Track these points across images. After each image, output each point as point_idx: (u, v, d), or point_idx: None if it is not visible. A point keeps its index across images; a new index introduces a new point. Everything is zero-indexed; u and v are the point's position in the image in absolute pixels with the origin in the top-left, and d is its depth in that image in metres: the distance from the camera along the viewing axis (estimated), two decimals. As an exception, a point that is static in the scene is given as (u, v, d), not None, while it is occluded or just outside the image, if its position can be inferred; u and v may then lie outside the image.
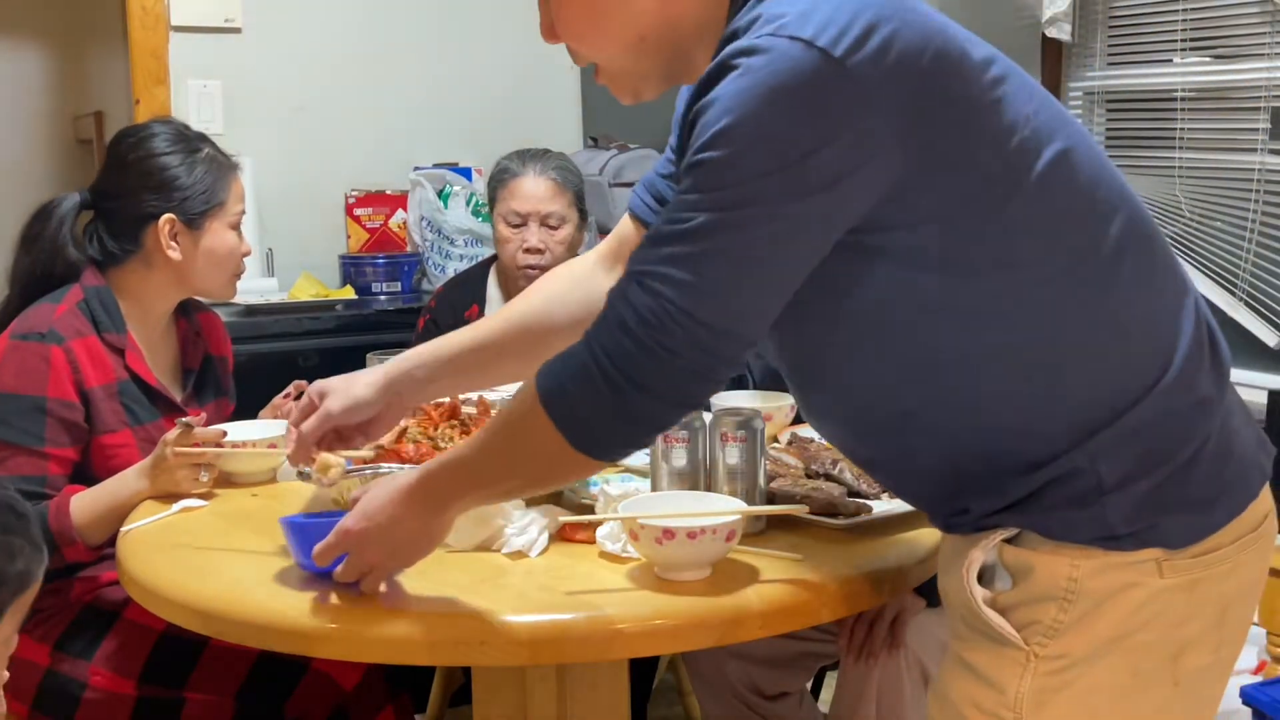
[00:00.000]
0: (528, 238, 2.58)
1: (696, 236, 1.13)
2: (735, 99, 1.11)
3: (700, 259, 1.12)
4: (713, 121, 1.12)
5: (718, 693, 2.20)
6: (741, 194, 1.11)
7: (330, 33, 3.56)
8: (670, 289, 1.13)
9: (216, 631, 1.48)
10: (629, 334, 1.14)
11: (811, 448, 1.85)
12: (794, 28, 1.11)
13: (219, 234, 2.05)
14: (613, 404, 1.17)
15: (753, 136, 1.10)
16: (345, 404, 1.60)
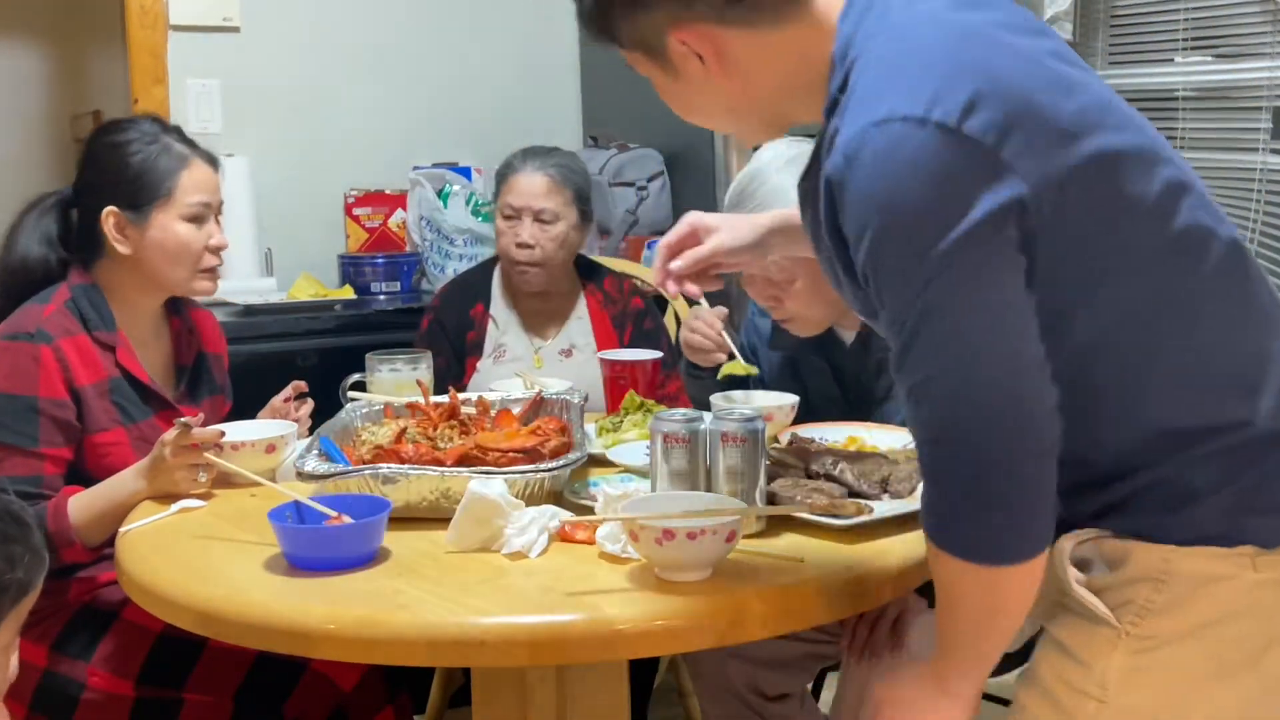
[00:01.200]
0: (519, 232, 2.59)
1: (932, 312, 1.15)
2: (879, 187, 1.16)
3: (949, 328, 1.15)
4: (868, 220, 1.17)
5: (719, 694, 2.20)
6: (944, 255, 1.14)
7: (329, 32, 3.56)
8: (948, 361, 1.16)
9: (215, 632, 1.48)
10: (945, 434, 1.16)
11: (812, 448, 1.85)
12: (905, 106, 1.15)
13: (167, 226, 2.00)
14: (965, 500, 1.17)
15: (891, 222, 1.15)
16: (734, 243, 1.67)
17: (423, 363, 2.21)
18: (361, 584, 1.48)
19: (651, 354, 2.31)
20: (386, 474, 1.67)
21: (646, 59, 1.37)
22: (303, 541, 1.54)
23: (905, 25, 1.23)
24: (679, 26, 1.30)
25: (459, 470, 1.69)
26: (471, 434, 1.86)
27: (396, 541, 1.59)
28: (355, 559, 1.53)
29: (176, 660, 1.89)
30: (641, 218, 3.33)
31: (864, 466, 1.73)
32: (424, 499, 1.68)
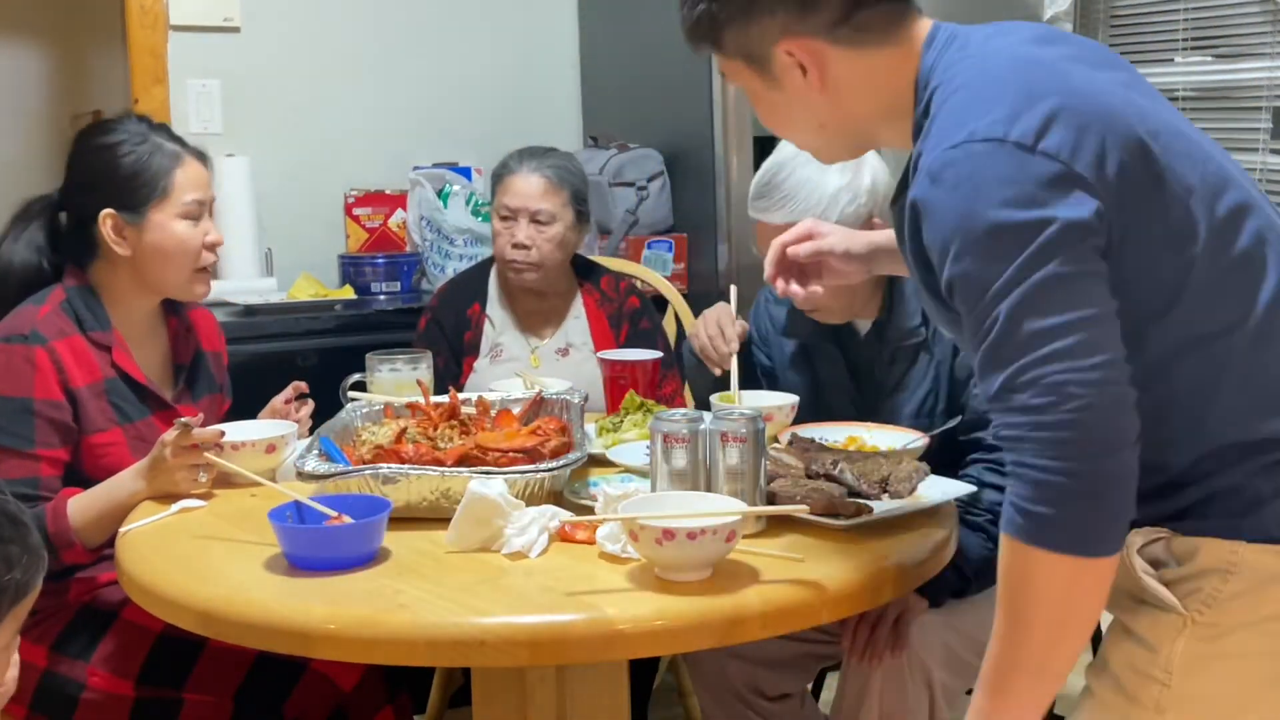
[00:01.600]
0: (516, 233, 2.59)
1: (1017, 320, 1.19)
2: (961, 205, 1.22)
3: (1042, 332, 1.18)
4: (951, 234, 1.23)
5: (719, 694, 2.20)
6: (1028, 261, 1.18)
7: (330, 32, 3.56)
8: (1049, 364, 1.18)
9: (216, 632, 1.48)
10: (1060, 425, 1.17)
11: (812, 448, 1.85)
12: (984, 128, 1.22)
13: (164, 225, 1.99)
14: (1096, 495, 1.18)
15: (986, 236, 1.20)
16: (848, 248, 1.74)
17: (423, 363, 2.21)
18: (361, 584, 1.49)
19: (651, 354, 2.31)
20: (387, 474, 1.67)
21: (748, 68, 1.41)
22: (303, 541, 1.54)
23: (983, 57, 1.32)
24: (789, 37, 1.36)
25: (459, 470, 1.69)
26: (472, 434, 1.86)
27: (396, 541, 1.59)
28: (355, 559, 1.53)
29: (176, 660, 1.89)
30: (641, 218, 3.33)
31: (864, 466, 1.73)
32: (424, 499, 1.68)
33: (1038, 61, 1.30)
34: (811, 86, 1.38)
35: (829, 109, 1.40)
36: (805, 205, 2.04)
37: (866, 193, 2.06)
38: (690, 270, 3.32)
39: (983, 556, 1.88)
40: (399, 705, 1.99)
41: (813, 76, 1.37)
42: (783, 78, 1.38)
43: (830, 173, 2.04)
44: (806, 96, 1.39)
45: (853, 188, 2.05)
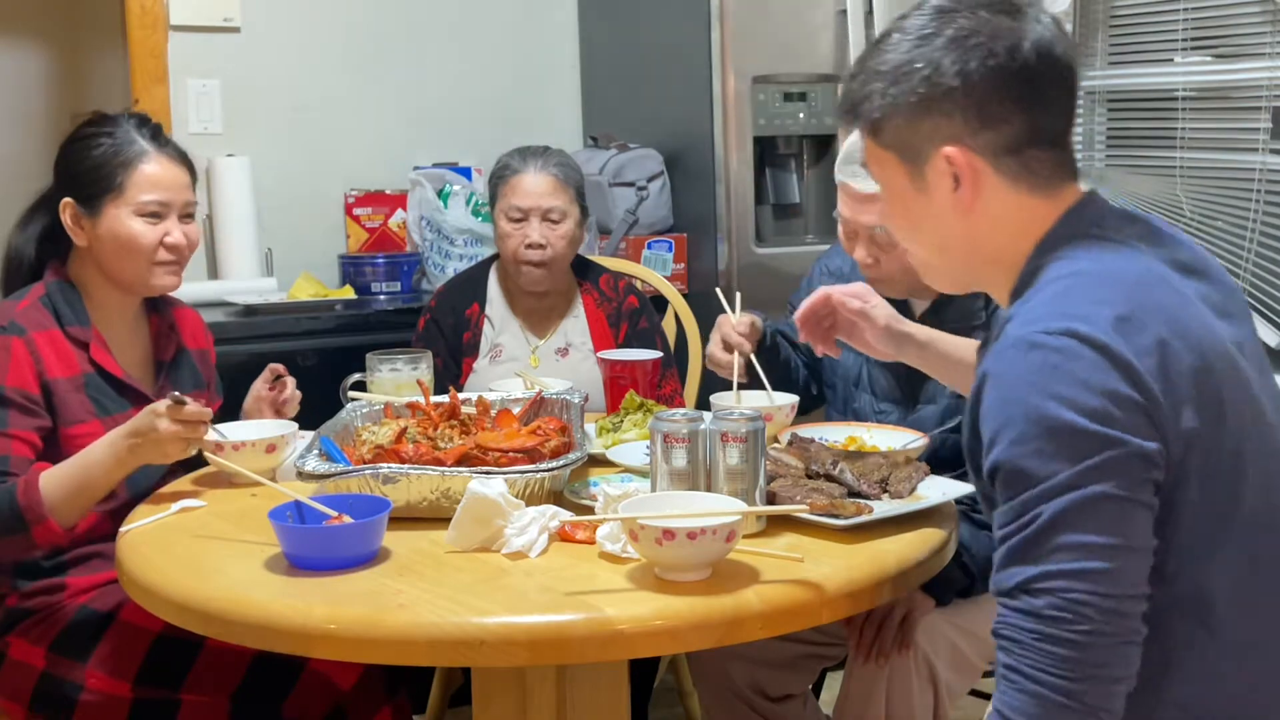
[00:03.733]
0: (529, 233, 2.58)
1: (1056, 529, 1.17)
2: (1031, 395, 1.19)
3: (1079, 546, 1.16)
4: (1010, 419, 1.20)
5: (721, 694, 2.20)
6: (1073, 478, 1.17)
7: (330, 32, 3.56)
8: (1070, 581, 1.16)
9: (216, 632, 1.48)
10: (1060, 641, 1.16)
11: (811, 448, 1.85)
12: (1089, 328, 1.19)
13: (119, 220, 1.99)
14: (1083, 712, 1.16)
15: (1052, 433, 1.17)
16: (885, 323, 1.80)
17: (423, 363, 2.21)
18: (362, 584, 1.49)
19: (651, 354, 2.31)
20: (387, 474, 1.67)
21: (900, 162, 1.36)
22: (303, 541, 1.54)
23: (1118, 254, 1.29)
24: (957, 145, 1.31)
25: (459, 470, 1.69)
26: (472, 434, 1.86)
27: (397, 541, 1.59)
28: (355, 559, 1.53)
29: (174, 661, 1.89)
30: (641, 218, 3.33)
31: (864, 466, 1.73)
32: (424, 499, 1.68)
33: (1168, 287, 1.27)
34: (958, 203, 1.32)
35: (961, 232, 1.35)
36: None
37: None
38: (690, 270, 3.32)
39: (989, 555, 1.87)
40: (397, 705, 1.99)
41: (964, 193, 1.32)
42: (933, 183, 1.33)
43: None
44: (946, 212, 1.34)
45: None
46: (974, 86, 1.29)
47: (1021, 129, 1.30)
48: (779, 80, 3.18)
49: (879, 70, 1.34)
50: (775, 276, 3.15)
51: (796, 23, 3.19)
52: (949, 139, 1.30)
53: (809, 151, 3.33)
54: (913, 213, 1.38)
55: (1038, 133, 1.31)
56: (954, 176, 1.32)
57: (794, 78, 3.19)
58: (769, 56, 3.17)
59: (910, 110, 1.32)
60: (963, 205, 1.33)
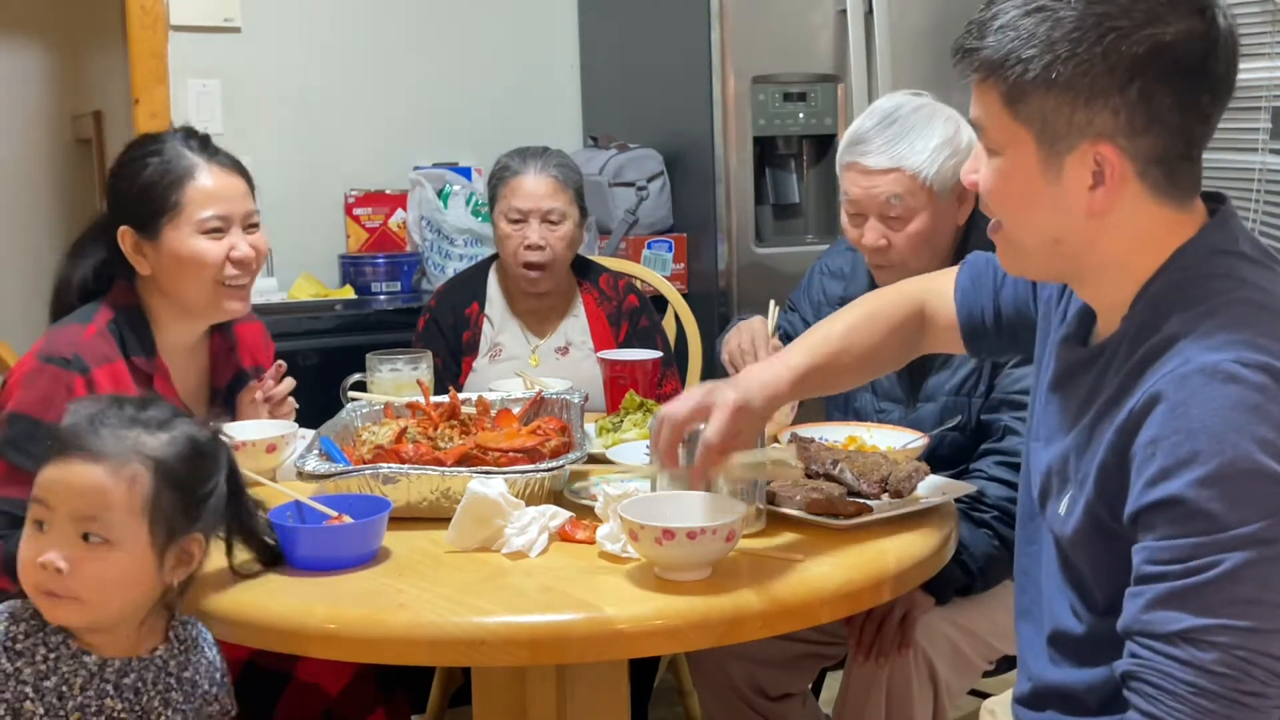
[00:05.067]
0: (529, 234, 2.58)
1: (1236, 580, 1.10)
2: (1227, 430, 1.10)
3: (1257, 602, 1.10)
4: (1203, 453, 1.11)
5: (720, 693, 2.20)
6: (1264, 531, 1.09)
7: (330, 32, 3.56)
8: (1241, 636, 1.10)
9: (216, 632, 1.48)
10: (1217, 697, 1.10)
11: (812, 448, 1.85)
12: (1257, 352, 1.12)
13: (181, 240, 1.91)
14: None
15: (1264, 473, 1.10)
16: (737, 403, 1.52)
17: (423, 363, 2.21)
18: (362, 583, 1.49)
19: (651, 354, 2.32)
20: (387, 474, 1.67)
21: (1035, 142, 1.23)
22: (303, 541, 1.54)
23: (1269, 276, 1.21)
24: (1110, 143, 1.20)
25: (459, 470, 1.69)
26: (472, 434, 1.86)
27: (397, 541, 1.59)
28: (355, 558, 1.53)
29: None
30: (641, 218, 3.33)
31: (864, 466, 1.73)
32: (424, 499, 1.68)
33: None
34: (1091, 204, 1.22)
35: (1080, 231, 1.24)
36: (909, 151, 2.05)
37: (966, 148, 2.05)
38: (690, 270, 3.32)
39: (988, 554, 1.88)
40: (393, 706, 1.98)
41: (1100, 194, 1.21)
42: (1068, 173, 1.22)
43: (935, 125, 2.07)
44: (1071, 206, 1.23)
45: (954, 143, 2.07)
46: (1151, 89, 1.17)
47: (1179, 141, 1.20)
48: (779, 80, 3.18)
49: (1041, 36, 1.18)
50: (775, 276, 3.15)
51: (796, 23, 3.19)
52: (1103, 135, 1.19)
53: (809, 151, 3.33)
54: (1029, 198, 1.25)
55: (1190, 146, 1.21)
56: (1096, 175, 1.21)
57: (794, 78, 3.19)
58: (769, 56, 3.17)
59: (1069, 93, 1.18)
60: (1095, 207, 1.22)
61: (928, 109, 2.10)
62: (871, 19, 3.16)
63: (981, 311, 1.60)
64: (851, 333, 1.65)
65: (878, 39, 3.17)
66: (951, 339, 1.66)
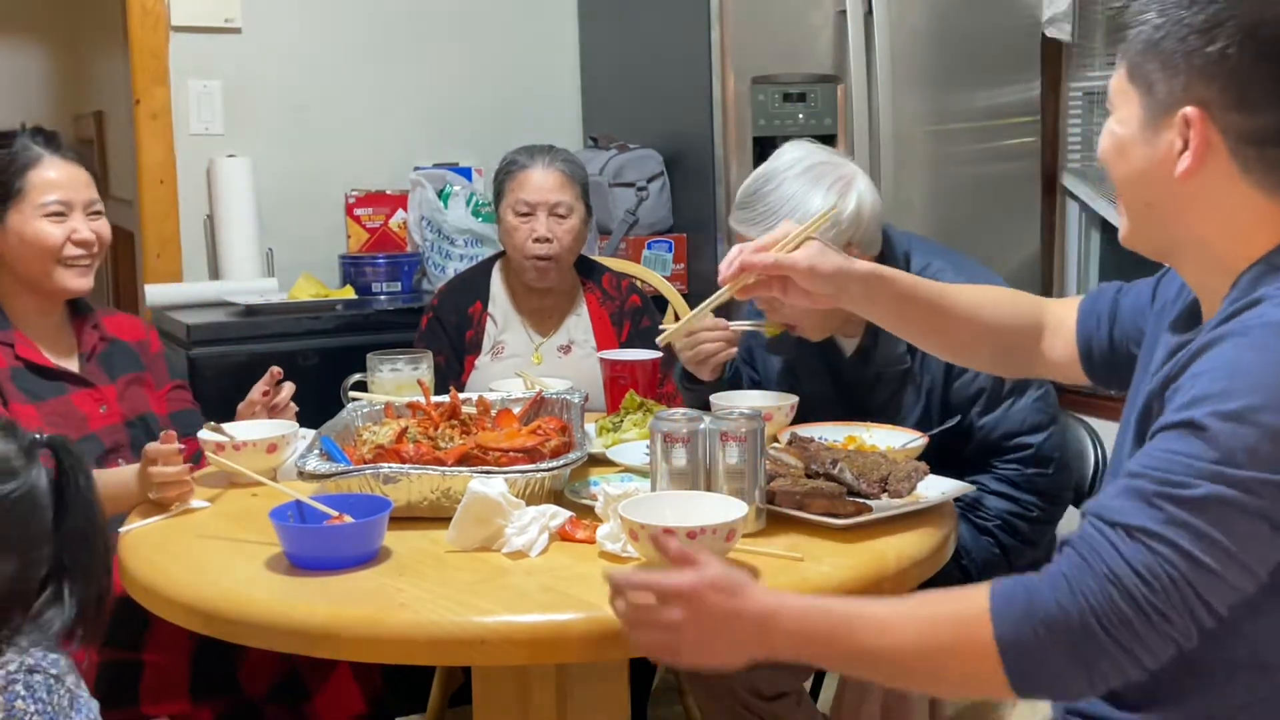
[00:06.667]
0: (536, 227, 2.59)
1: (1203, 509, 1.11)
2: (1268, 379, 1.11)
3: (1210, 537, 1.11)
4: (1238, 391, 1.12)
5: (716, 693, 2.19)
6: (1254, 482, 1.10)
7: (330, 33, 3.56)
8: (1178, 557, 1.11)
9: (217, 631, 1.48)
10: (1125, 594, 1.11)
11: (811, 447, 1.85)
12: None
13: (25, 222, 2.09)
14: (1082, 658, 1.13)
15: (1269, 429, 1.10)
16: (819, 265, 1.53)
17: (424, 362, 2.22)
18: (362, 583, 1.49)
19: (651, 354, 2.32)
20: (387, 473, 1.67)
21: (1140, 102, 1.26)
22: (304, 541, 1.54)
23: None
24: (1203, 109, 1.21)
25: (460, 470, 1.69)
26: (472, 434, 1.86)
27: (397, 541, 1.60)
28: (356, 558, 1.54)
29: (133, 621, 1.89)
30: (641, 218, 3.34)
31: (863, 466, 1.73)
32: (425, 498, 1.68)
33: None
34: (1175, 166, 1.23)
35: (1169, 199, 1.26)
36: (782, 224, 1.98)
37: (849, 221, 1.99)
38: (690, 270, 3.32)
39: (988, 560, 1.89)
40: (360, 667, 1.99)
41: (1187, 160, 1.22)
42: (1163, 135, 1.24)
43: (816, 193, 1.98)
44: (1162, 169, 1.24)
45: (835, 213, 1.96)
46: (1247, 63, 1.18)
47: (1275, 125, 1.20)
48: (779, 80, 3.18)
49: (1159, 2, 1.24)
50: (775, 276, 3.15)
51: (796, 23, 3.19)
52: (1198, 101, 1.20)
53: (809, 152, 3.33)
54: (1131, 159, 1.28)
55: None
56: (1184, 139, 1.22)
57: (794, 78, 3.19)
58: (769, 57, 3.17)
59: (1173, 57, 1.21)
60: (1182, 172, 1.23)
61: (812, 175, 2.01)
62: (871, 19, 3.16)
63: (1098, 320, 1.56)
64: (961, 290, 1.63)
65: (878, 39, 3.17)
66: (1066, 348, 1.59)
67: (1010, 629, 1.14)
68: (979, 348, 1.63)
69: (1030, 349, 1.61)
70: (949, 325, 1.60)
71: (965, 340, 1.62)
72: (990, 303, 1.62)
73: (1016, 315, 1.61)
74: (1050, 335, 1.60)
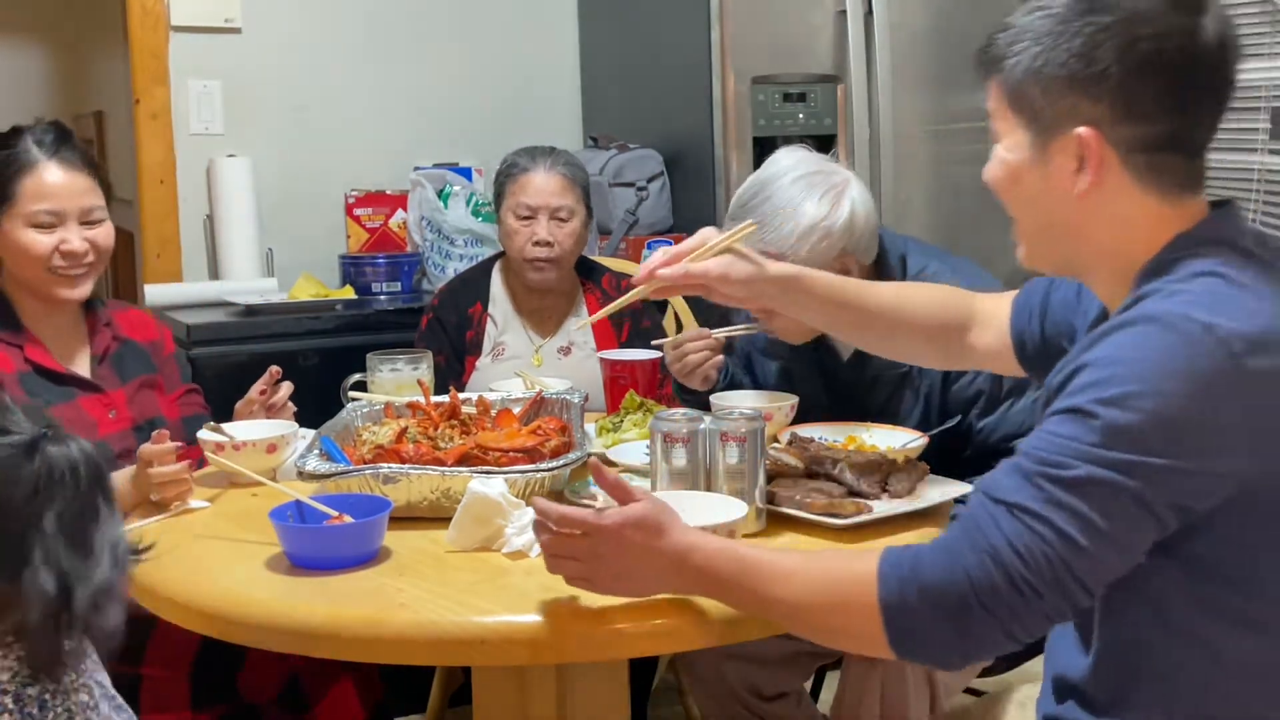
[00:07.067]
0: (537, 231, 2.59)
1: (1080, 489, 1.15)
2: (1146, 369, 1.15)
3: (1086, 517, 1.15)
4: (1118, 379, 1.15)
5: (716, 693, 2.20)
6: (1130, 464, 1.14)
7: (330, 33, 3.56)
8: (1054, 536, 1.15)
9: (217, 631, 1.48)
10: (1002, 569, 1.16)
11: (811, 447, 1.85)
12: (1235, 335, 1.14)
13: (14, 229, 2.03)
14: (957, 626, 1.18)
15: (1159, 417, 1.13)
16: (733, 274, 1.60)
17: (423, 362, 2.21)
18: (362, 583, 1.49)
19: (651, 354, 2.32)
20: (387, 473, 1.67)
21: (1026, 130, 1.29)
22: (304, 541, 1.54)
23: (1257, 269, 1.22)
24: (1094, 128, 1.24)
25: (459, 470, 1.69)
26: (472, 434, 1.86)
27: (397, 541, 1.60)
28: (356, 558, 1.54)
29: (133, 635, 1.88)
30: (641, 218, 3.34)
31: (863, 466, 1.73)
32: (425, 498, 1.68)
33: None
34: (1074, 186, 1.26)
35: (1069, 218, 1.29)
36: (776, 235, 1.97)
37: (841, 230, 1.99)
38: (690, 270, 3.32)
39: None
40: (360, 676, 1.98)
41: (1084, 178, 1.25)
42: (1055, 159, 1.27)
43: (809, 203, 1.98)
44: (1058, 191, 1.28)
45: (828, 223, 1.98)
46: (1131, 77, 1.21)
47: (1164, 131, 1.24)
48: (779, 80, 3.18)
49: (1035, 31, 1.25)
50: (775, 276, 3.15)
51: (796, 23, 3.19)
52: (1087, 121, 1.23)
53: (809, 152, 3.33)
54: (1025, 184, 1.31)
55: (1179, 139, 1.25)
56: (1080, 159, 1.25)
57: (794, 78, 3.19)
58: (769, 57, 3.17)
59: (1056, 82, 1.24)
60: (1080, 190, 1.26)
61: (805, 183, 2.01)
62: (871, 19, 3.16)
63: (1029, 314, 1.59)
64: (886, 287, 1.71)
65: (877, 39, 3.17)
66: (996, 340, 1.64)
67: (893, 593, 1.20)
68: (906, 341, 1.71)
69: (958, 341, 1.68)
70: (874, 322, 1.68)
71: (892, 335, 1.71)
72: (915, 298, 1.70)
73: (943, 310, 1.68)
74: (980, 328, 1.66)
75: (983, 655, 1.22)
